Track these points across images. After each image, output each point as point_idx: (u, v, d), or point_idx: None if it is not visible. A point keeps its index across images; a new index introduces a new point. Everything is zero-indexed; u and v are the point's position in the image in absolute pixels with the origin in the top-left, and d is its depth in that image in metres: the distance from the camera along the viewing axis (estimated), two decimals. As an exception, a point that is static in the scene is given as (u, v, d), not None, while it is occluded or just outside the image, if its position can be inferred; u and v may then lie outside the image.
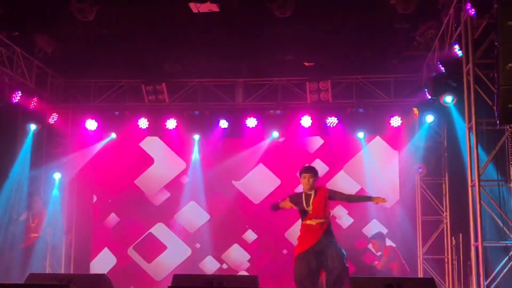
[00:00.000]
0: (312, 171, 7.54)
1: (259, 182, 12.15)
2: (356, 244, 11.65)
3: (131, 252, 12.19)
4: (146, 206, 12.25)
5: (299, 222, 11.44)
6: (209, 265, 11.96)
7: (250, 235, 12.01)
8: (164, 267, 12.07)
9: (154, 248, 12.16)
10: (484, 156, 8.01)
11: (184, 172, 12.27)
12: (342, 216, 11.81)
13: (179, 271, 11.79)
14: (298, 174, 7.57)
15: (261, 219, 11.85)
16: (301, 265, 7.26)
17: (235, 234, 12.01)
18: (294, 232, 11.52)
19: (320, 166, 11.61)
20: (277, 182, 12.11)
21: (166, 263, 12.09)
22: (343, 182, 11.85)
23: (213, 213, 12.12)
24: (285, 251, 11.71)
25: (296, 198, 7.50)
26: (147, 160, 12.39)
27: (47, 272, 11.22)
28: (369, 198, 7.84)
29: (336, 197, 7.67)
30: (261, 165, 12.17)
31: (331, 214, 7.89)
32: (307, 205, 7.38)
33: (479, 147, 7.69)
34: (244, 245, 12.00)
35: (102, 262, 12.08)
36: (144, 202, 12.29)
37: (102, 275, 6.97)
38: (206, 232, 12.08)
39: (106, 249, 12.18)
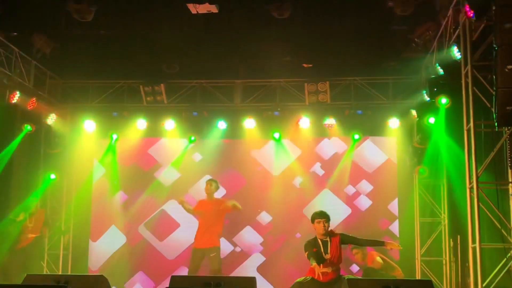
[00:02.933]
0: (326, 215, 7.51)
1: (278, 153, 11.93)
2: (379, 224, 11.52)
3: (142, 229, 11.93)
4: (158, 182, 12.00)
5: (316, 199, 11.58)
6: (222, 248, 11.68)
7: (265, 217, 11.72)
8: (177, 246, 11.72)
9: (166, 225, 11.85)
10: (482, 158, 8.00)
11: (196, 148, 12.06)
12: (365, 193, 11.71)
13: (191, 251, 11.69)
14: (311, 219, 7.54)
15: (278, 196, 11.68)
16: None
17: (249, 216, 11.63)
18: (310, 210, 11.27)
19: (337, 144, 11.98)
20: (298, 152, 12.00)
21: (179, 241, 11.72)
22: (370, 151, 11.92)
23: (228, 189, 11.73)
24: (298, 235, 11.44)
25: (313, 245, 7.38)
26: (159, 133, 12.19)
27: (44, 272, 11.21)
28: (382, 243, 7.78)
29: (348, 241, 7.65)
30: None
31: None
32: (325, 252, 7.34)
33: (477, 148, 7.70)
34: (258, 227, 11.76)
35: (110, 241, 11.83)
36: (155, 178, 12.02)
37: (100, 276, 6.97)
38: None
39: (113, 226, 11.88)
